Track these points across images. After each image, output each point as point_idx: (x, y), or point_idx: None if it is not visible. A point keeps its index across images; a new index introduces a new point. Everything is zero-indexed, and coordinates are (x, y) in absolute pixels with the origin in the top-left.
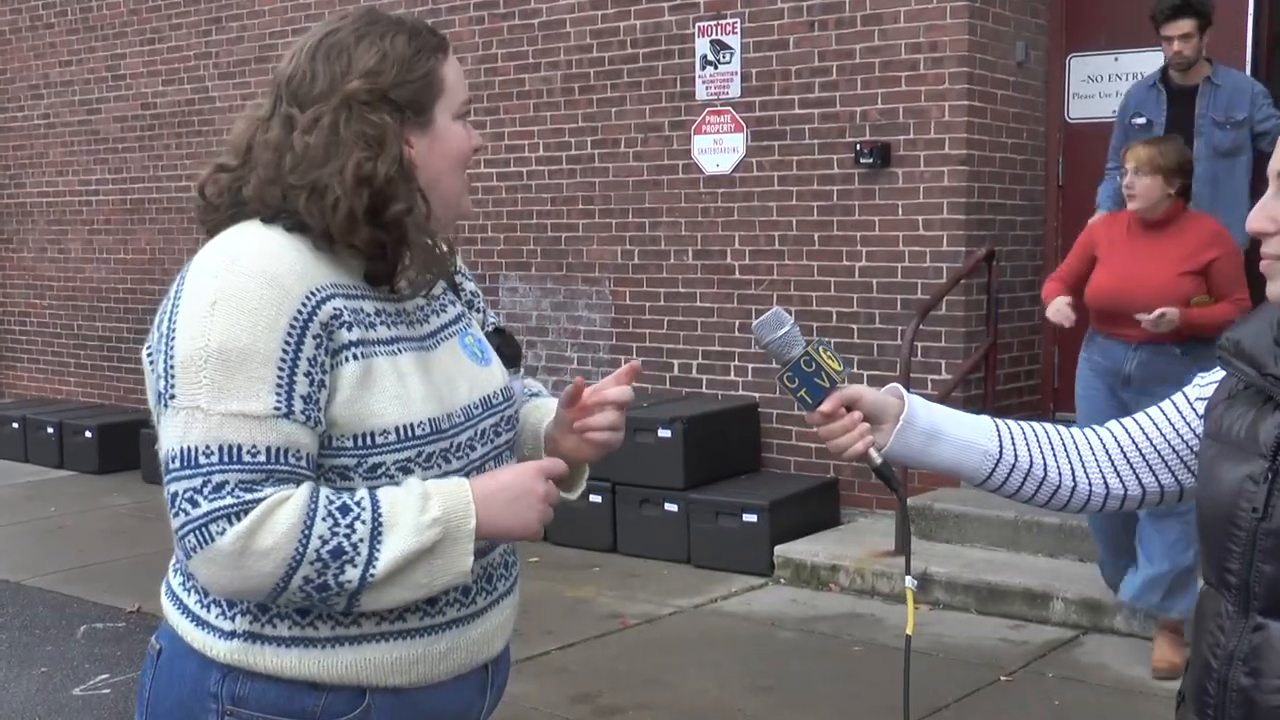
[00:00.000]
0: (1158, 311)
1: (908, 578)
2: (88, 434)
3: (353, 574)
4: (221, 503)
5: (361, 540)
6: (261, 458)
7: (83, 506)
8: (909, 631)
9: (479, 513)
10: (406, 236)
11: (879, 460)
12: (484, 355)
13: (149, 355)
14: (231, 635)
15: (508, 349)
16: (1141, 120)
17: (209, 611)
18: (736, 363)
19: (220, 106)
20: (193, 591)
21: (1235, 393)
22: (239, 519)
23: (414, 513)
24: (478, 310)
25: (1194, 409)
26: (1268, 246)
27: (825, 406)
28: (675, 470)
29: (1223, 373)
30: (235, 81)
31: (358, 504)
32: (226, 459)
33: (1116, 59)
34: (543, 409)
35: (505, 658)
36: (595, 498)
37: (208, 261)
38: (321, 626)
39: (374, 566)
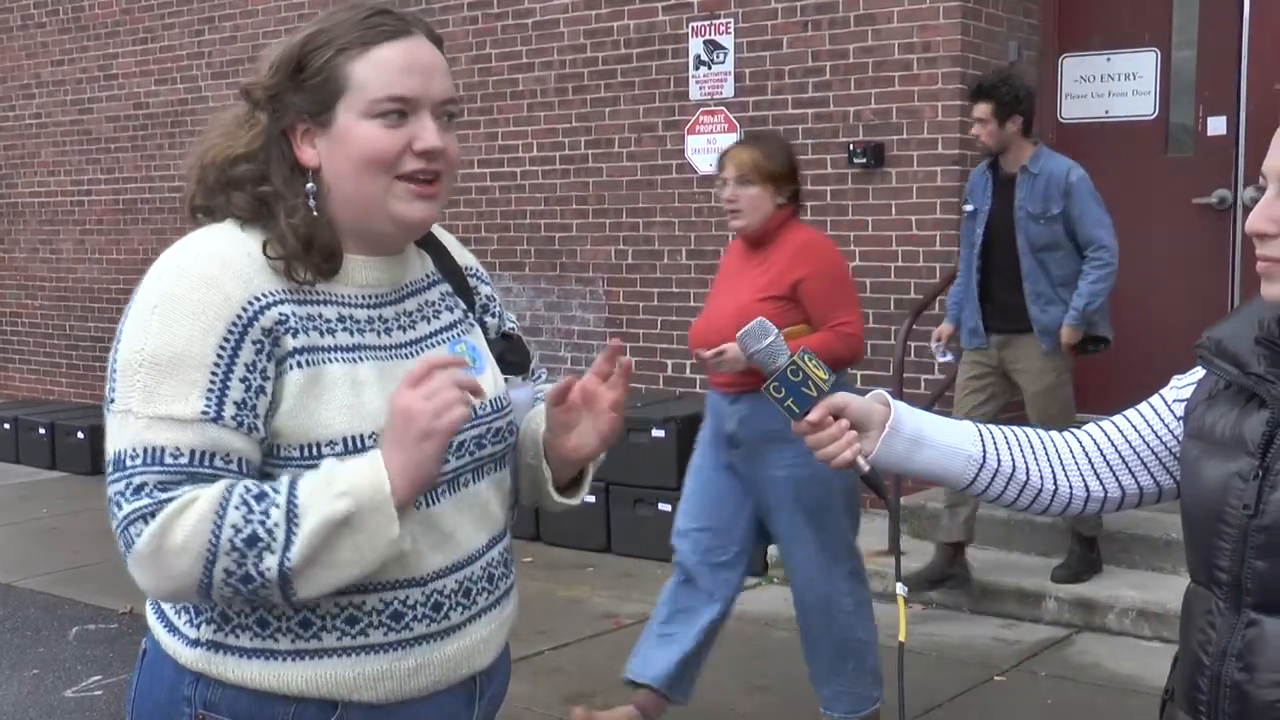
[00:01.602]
0: (716, 348)
1: (899, 584)
2: (80, 435)
3: (271, 561)
4: (139, 504)
5: (277, 525)
6: (184, 460)
7: (75, 508)
8: (901, 639)
9: (392, 471)
10: (271, 222)
11: (866, 468)
12: (475, 364)
13: None
14: (196, 643)
15: (512, 355)
16: (970, 207)
17: (179, 618)
18: None
19: (213, 106)
20: None
21: (1216, 392)
22: (152, 519)
23: (322, 490)
24: (492, 315)
25: (1172, 411)
26: (1267, 249)
27: (813, 415)
28: (669, 470)
29: (1200, 373)
30: (228, 81)
31: (275, 490)
32: (148, 460)
33: (1109, 59)
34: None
35: (500, 667)
36: (589, 498)
37: (159, 265)
38: (281, 639)
39: (290, 549)
